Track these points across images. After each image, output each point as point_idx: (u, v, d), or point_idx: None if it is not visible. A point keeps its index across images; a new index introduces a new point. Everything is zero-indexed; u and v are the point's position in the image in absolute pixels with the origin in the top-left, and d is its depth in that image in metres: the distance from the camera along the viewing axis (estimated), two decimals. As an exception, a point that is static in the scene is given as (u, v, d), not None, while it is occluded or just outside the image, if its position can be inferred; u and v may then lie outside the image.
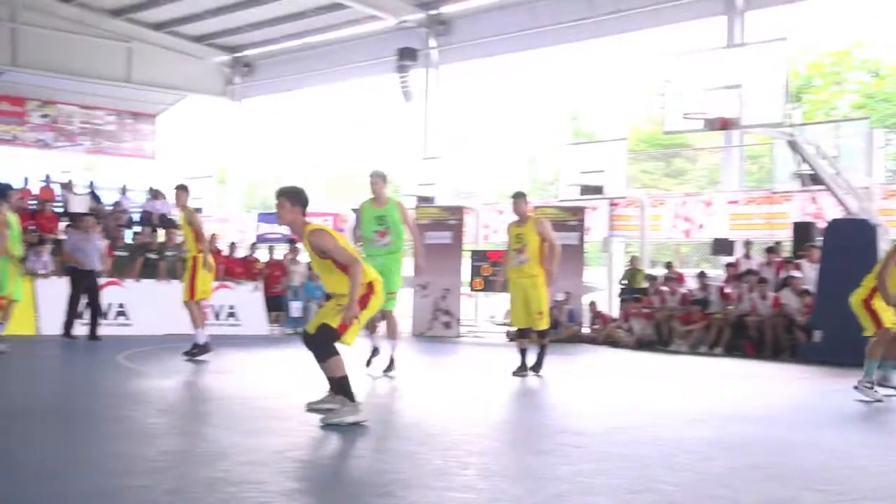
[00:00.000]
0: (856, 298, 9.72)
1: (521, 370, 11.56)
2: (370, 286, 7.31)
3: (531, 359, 11.64)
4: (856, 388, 9.57)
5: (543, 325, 11.76)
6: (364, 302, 7.22)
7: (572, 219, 20.28)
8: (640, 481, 5.43)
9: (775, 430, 7.72)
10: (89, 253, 16.10)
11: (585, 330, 19.65)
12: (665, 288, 18.46)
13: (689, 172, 33.08)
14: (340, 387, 7.18)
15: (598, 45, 25.56)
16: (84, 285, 15.98)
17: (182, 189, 13.15)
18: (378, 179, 11.56)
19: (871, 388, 9.51)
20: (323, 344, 7.20)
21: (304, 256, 20.10)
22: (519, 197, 12.17)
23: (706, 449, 6.64)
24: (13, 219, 12.88)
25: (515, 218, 12.14)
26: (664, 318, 17.80)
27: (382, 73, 27.10)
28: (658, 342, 17.69)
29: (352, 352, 7.48)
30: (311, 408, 7.61)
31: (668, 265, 20.04)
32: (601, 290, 22.64)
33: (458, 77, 27.95)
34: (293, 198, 7.41)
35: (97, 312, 16.10)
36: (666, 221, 21.17)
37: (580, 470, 5.70)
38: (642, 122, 38.78)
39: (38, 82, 28.35)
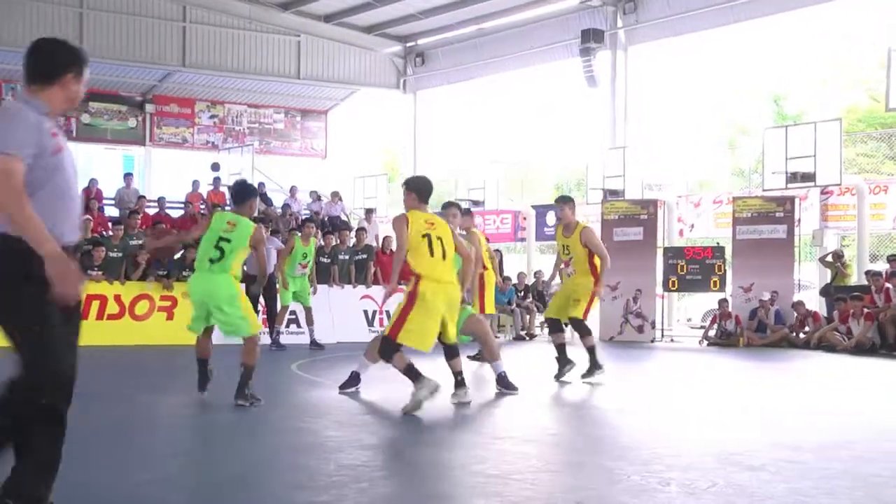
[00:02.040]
0: None
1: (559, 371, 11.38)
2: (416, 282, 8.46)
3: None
4: None
5: (577, 312, 11.30)
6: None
7: (778, 209, 19.67)
8: (868, 503, 5.20)
9: None
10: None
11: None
12: (889, 285, 17.63)
13: (916, 154, 31.50)
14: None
15: (805, 15, 24.63)
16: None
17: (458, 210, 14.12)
18: (456, 211, 11.16)
19: None
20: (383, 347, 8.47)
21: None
22: (563, 202, 11.78)
23: None
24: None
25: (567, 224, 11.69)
26: (889, 319, 17.00)
27: (565, 58, 26.99)
28: (882, 346, 16.92)
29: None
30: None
31: (893, 259, 19.12)
32: (812, 288, 21.88)
33: (649, 59, 27.50)
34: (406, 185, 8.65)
35: (274, 318, 16.66)
36: (890, 210, 20.26)
37: (798, 488, 5.50)
38: (860, 99, 37.18)
39: (206, 82, 29.61)
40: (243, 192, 9.28)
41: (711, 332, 19.65)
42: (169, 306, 16.92)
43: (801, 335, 18.75)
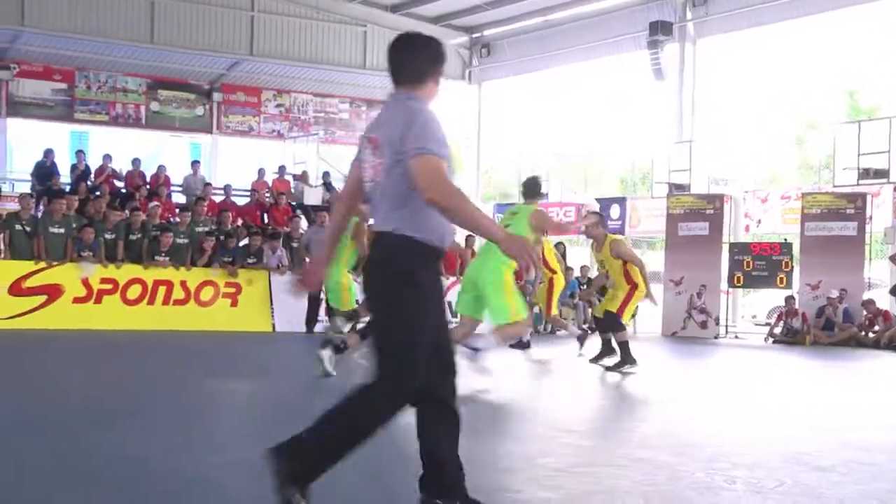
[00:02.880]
0: None
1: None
2: None
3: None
4: None
5: (612, 305, 11.80)
6: None
7: (849, 206, 19.33)
8: (943, 506, 5.08)
9: None
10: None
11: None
12: (963, 285, 17.27)
13: None
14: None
15: (879, 8, 24.15)
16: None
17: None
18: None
19: None
20: None
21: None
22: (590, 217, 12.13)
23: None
24: None
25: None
26: (961, 319, 16.66)
27: (632, 50, 26.73)
28: (955, 347, 16.59)
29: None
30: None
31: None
32: (883, 287, 21.47)
33: (717, 52, 27.15)
34: None
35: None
36: (964, 208, 19.82)
37: (870, 491, 5.38)
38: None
39: (273, 71, 29.75)
40: (534, 186, 10.43)
41: (777, 330, 19.39)
42: (233, 293, 17.10)
43: (871, 334, 18.42)
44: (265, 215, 21.64)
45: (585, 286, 21.11)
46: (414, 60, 4.34)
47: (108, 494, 4.90)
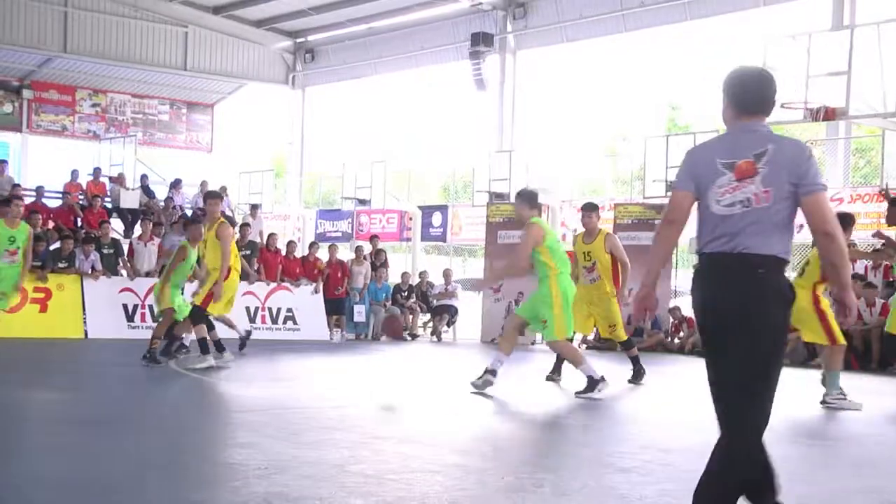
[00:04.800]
0: None
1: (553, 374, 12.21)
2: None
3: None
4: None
5: (620, 335, 12.41)
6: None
7: (657, 217, 20.09)
8: (732, 504, 5.34)
9: (884, 451, 7.56)
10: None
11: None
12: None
13: (788, 167, 32.40)
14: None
15: (692, 28, 25.20)
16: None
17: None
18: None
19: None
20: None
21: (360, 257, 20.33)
22: (591, 209, 12.03)
23: (809, 470, 6.53)
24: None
25: (583, 230, 12.15)
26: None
27: (455, 60, 27.09)
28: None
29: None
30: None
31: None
32: (688, 295, 22.37)
33: (537, 64, 27.79)
34: None
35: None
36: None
37: (666, 490, 5.63)
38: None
39: (89, 70, 28.85)
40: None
41: (590, 336, 19.93)
42: (43, 298, 16.44)
43: (677, 340, 19.18)
44: (78, 219, 20.97)
45: (406, 293, 21.16)
46: (769, 94, 4.62)
47: None
